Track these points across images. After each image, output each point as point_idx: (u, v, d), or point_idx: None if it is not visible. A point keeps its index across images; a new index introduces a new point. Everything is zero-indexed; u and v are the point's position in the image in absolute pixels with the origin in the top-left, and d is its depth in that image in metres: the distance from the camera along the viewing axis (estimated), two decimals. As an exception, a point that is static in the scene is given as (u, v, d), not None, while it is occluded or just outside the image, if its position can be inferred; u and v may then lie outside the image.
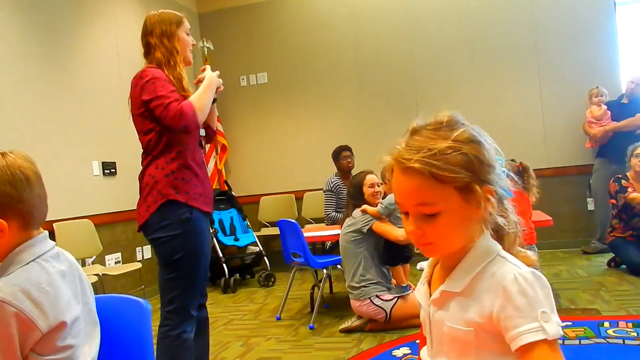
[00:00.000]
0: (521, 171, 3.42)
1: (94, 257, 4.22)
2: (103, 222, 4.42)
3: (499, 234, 0.94)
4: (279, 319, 3.75)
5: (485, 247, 0.91)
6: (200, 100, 2.03)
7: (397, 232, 3.20)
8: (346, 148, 4.95)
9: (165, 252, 2.00)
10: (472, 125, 0.91)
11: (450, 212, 0.86)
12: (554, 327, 0.82)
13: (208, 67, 2.19)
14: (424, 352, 1.02)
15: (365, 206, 3.36)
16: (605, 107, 4.96)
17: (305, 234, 3.74)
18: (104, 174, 4.59)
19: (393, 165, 0.89)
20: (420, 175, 0.84)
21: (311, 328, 3.42)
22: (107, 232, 4.49)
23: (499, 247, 0.92)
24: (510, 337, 0.84)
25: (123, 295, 1.30)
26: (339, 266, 3.65)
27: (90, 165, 4.48)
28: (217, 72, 2.18)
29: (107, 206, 4.52)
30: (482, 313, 0.87)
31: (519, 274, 0.85)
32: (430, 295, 0.95)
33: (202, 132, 2.20)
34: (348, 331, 3.27)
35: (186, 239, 1.98)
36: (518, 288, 0.84)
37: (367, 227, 3.31)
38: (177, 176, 2.00)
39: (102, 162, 4.55)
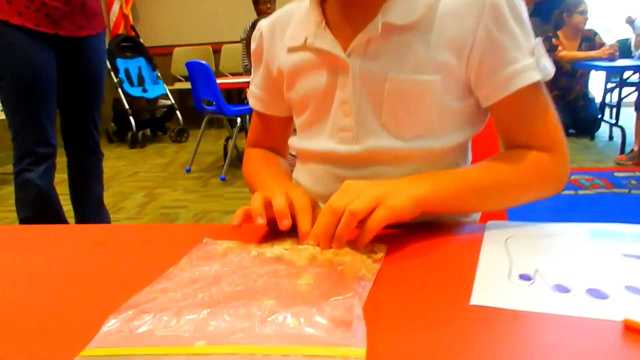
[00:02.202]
0: None
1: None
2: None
3: None
4: (188, 171, 3.48)
5: None
6: None
7: None
8: (267, -9, 4.41)
9: None
10: None
11: None
12: (550, 63, 0.61)
13: None
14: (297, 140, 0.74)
15: None
16: (546, -38, 4.67)
17: (219, 81, 3.36)
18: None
19: None
20: None
21: (222, 179, 3.20)
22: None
23: None
24: (504, 77, 0.59)
25: None
26: (254, 116, 3.35)
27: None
28: None
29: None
30: (457, 47, 0.60)
31: None
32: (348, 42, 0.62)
33: None
34: (261, 182, 3.09)
35: None
36: (510, 7, 0.59)
37: None
38: None
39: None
